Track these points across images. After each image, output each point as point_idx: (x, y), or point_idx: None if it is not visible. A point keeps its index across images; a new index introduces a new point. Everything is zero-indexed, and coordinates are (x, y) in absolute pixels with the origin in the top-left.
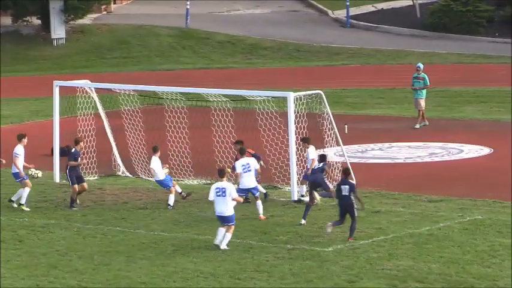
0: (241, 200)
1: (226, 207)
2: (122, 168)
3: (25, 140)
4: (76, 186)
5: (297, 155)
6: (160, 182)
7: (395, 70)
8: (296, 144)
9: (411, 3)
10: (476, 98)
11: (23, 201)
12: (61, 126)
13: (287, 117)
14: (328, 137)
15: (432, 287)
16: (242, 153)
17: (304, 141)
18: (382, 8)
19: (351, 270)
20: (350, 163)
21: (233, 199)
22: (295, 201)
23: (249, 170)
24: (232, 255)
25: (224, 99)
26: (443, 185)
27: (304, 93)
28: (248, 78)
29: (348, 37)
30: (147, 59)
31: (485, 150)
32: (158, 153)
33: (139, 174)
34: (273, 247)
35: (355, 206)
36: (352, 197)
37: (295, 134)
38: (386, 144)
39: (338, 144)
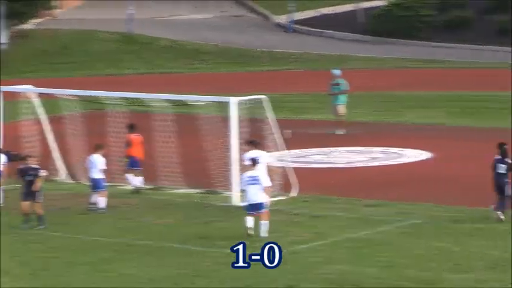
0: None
1: (259, 194)
2: (63, 173)
3: None
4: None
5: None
6: (95, 181)
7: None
8: (239, 149)
9: (354, 8)
10: (418, 103)
11: None
12: (5, 131)
13: (228, 121)
14: (270, 142)
15: None
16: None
17: (251, 144)
18: (325, 13)
19: (289, 275)
20: (291, 168)
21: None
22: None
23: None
24: (172, 261)
25: (166, 104)
26: (382, 190)
27: (246, 98)
28: (191, 83)
29: (290, 42)
30: (90, 64)
31: (424, 155)
32: (101, 151)
33: (80, 179)
34: (213, 252)
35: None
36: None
37: (238, 139)
38: (328, 149)
39: (279, 149)
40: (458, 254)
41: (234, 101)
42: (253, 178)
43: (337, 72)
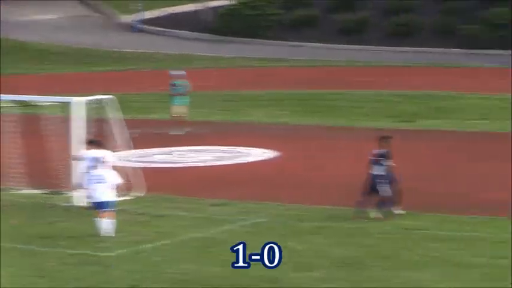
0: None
1: (106, 193)
2: None
3: None
4: None
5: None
6: None
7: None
8: (83, 149)
9: (200, 7)
10: (262, 102)
11: None
12: None
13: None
14: (115, 142)
15: None
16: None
17: (92, 143)
18: (170, 12)
19: (134, 275)
20: (137, 167)
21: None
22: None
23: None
24: (15, 261)
25: (11, 105)
26: (227, 189)
27: (93, 98)
28: (38, 84)
29: (136, 42)
30: None
31: (269, 154)
32: None
33: None
34: (57, 252)
35: None
36: None
37: (82, 139)
38: (172, 149)
39: (125, 149)
40: (302, 252)
41: (76, 101)
42: (99, 177)
43: (175, 73)
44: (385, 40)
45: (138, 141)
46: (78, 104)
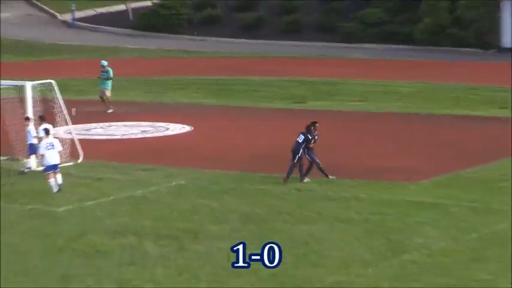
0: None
1: (55, 157)
2: None
3: None
4: None
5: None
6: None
7: (112, 64)
8: (34, 124)
9: (125, 7)
10: (179, 86)
11: None
12: None
13: (25, 102)
14: (58, 118)
15: (145, 239)
16: (47, 133)
17: (41, 118)
18: (101, 12)
19: (79, 226)
20: (77, 139)
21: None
22: (20, 173)
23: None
24: None
25: None
26: (153, 157)
27: (38, 82)
28: None
29: (73, 36)
30: None
31: (187, 128)
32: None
33: None
34: (16, 207)
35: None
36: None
37: (32, 115)
38: (107, 124)
39: (67, 124)
40: (217, 209)
41: (28, 85)
42: (50, 144)
43: (104, 62)
44: (277, 35)
45: (77, 118)
46: (30, 87)
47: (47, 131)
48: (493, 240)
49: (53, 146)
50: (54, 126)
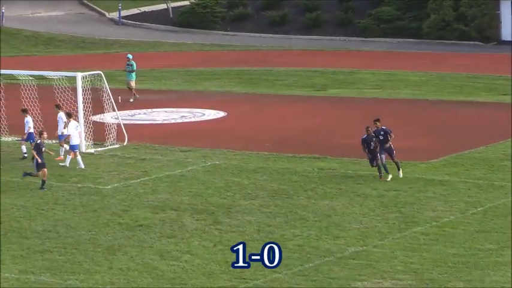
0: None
1: (78, 138)
2: None
3: None
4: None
5: (84, 118)
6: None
7: (154, 56)
8: (83, 111)
9: (166, 6)
10: (213, 76)
11: None
12: None
13: (76, 90)
14: (106, 105)
15: (183, 213)
16: (69, 116)
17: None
18: (144, 11)
19: (124, 202)
20: (123, 124)
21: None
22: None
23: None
24: (38, 192)
25: (30, 78)
26: (190, 139)
27: (88, 73)
28: (48, 63)
29: (119, 32)
30: None
31: (221, 114)
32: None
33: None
34: (67, 186)
35: None
36: None
37: (82, 103)
38: (149, 110)
39: (114, 110)
40: (248, 186)
41: (79, 75)
42: (76, 126)
43: (130, 56)
44: (300, 31)
45: (121, 105)
46: (82, 78)
47: (69, 115)
48: (496, 214)
49: (77, 127)
50: (100, 113)
